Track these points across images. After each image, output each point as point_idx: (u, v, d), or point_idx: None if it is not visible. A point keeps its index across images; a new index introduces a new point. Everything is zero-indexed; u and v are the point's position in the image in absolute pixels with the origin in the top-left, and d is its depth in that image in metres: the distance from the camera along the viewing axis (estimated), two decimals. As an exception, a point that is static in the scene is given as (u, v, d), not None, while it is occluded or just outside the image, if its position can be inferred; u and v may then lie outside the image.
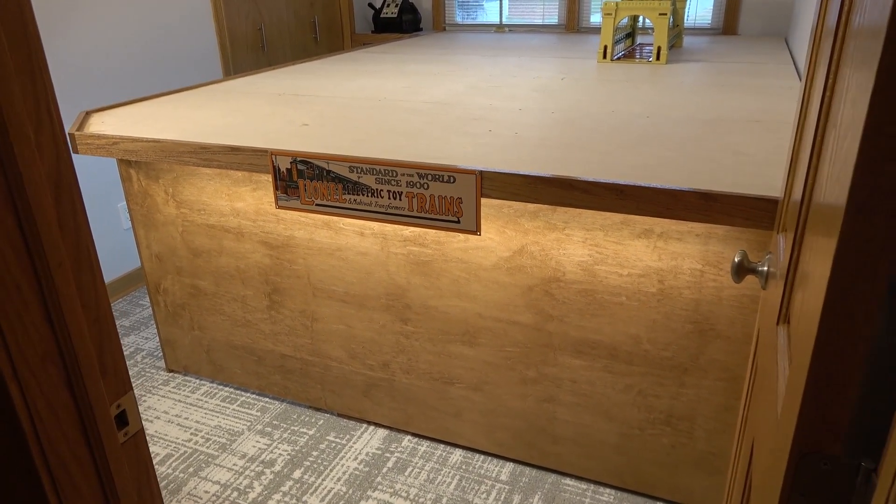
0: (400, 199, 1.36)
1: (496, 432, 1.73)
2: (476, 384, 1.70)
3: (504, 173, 1.27)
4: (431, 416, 1.80)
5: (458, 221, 1.33)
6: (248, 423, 1.93)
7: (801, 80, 2.18)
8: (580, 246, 1.43)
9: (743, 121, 1.65)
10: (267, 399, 2.03)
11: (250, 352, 1.99)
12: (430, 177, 1.32)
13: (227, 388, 2.09)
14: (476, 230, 1.32)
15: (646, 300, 1.42)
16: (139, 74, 2.69)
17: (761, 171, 1.28)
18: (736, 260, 1.04)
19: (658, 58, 2.60)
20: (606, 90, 2.08)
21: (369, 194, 1.39)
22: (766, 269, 1.02)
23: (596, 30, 3.83)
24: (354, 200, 1.41)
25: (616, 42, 2.75)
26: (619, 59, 2.70)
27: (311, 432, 1.88)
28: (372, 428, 1.90)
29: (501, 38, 3.61)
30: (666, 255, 1.36)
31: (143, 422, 1.92)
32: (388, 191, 1.36)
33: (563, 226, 1.42)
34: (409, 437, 1.86)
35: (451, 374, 1.72)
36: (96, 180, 2.57)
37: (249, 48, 3.33)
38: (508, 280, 1.53)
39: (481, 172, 1.28)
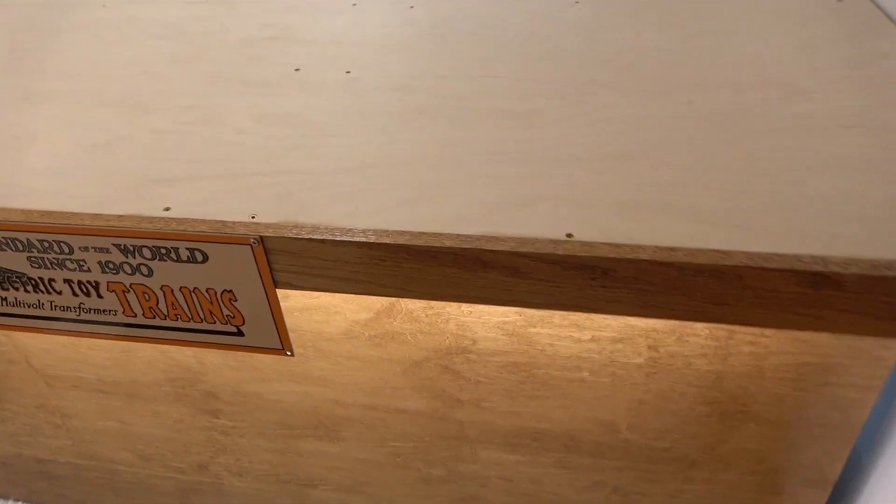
0: (100, 297, 0.60)
1: (395, 536, 1.13)
2: (350, 486, 1.06)
3: (326, 240, 0.53)
4: (293, 522, 1.17)
5: (241, 332, 0.61)
6: (9, 566, 1.22)
7: None
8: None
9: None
10: (38, 510, 1.31)
11: (-15, 456, 1.23)
12: (147, 253, 0.56)
13: (-29, 502, 1.34)
14: (282, 347, 0.61)
15: (625, 375, 0.79)
16: None
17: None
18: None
19: None
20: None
21: (31, 288, 0.61)
22: None
23: None
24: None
25: None
26: None
27: (111, 564, 1.21)
28: (208, 536, 1.24)
29: None
30: (663, 310, 0.71)
31: None
32: (70, 281, 0.60)
33: (464, 268, 0.72)
34: (266, 543, 1.23)
35: (307, 474, 1.06)
36: None
37: None
38: (375, 354, 0.84)
39: (261, 238, 0.53)
